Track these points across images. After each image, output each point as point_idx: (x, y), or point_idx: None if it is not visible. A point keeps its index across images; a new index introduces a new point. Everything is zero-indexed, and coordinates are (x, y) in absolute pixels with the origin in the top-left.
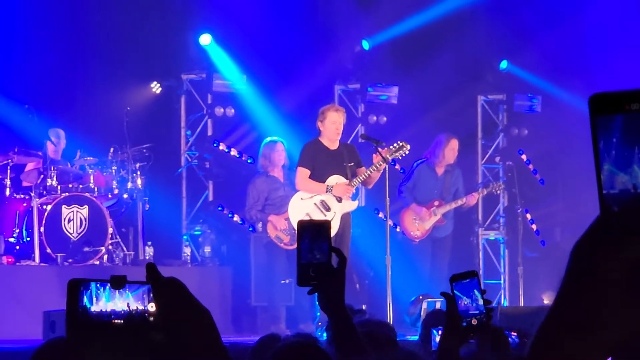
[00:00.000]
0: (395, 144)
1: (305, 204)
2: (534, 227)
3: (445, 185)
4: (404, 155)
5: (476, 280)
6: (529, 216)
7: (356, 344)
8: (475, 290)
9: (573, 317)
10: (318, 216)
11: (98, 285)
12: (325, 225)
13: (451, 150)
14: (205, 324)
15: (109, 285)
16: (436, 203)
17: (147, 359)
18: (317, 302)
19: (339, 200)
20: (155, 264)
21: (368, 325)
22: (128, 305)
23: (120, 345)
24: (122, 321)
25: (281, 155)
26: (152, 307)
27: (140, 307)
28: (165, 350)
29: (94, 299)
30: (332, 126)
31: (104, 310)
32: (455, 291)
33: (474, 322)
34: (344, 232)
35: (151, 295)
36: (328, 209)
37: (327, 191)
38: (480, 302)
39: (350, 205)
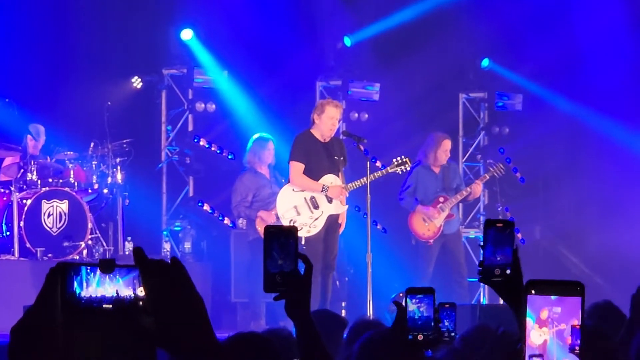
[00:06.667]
0: (398, 158)
1: (295, 196)
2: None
3: (446, 182)
4: (404, 170)
5: (432, 297)
6: (509, 214)
7: (320, 350)
8: (427, 306)
9: None
10: (305, 212)
11: (88, 270)
12: (292, 231)
13: (444, 152)
14: (195, 309)
15: (99, 270)
16: (441, 199)
17: (137, 343)
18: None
19: (330, 200)
20: (142, 248)
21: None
22: (117, 292)
23: (109, 330)
24: (111, 306)
25: (271, 153)
26: (141, 291)
27: (130, 293)
28: (154, 335)
29: (84, 284)
30: (329, 121)
31: (94, 295)
32: (408, 302)
33: (420, 337)
34: (329, 233)
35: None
36: (317, 207)
37: (322, 190)
38: (431, 320)
39: (339, 208)
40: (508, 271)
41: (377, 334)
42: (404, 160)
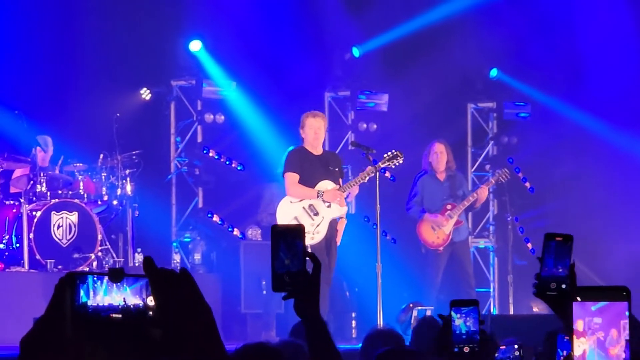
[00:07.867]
0: (389, 153)
1: (294, 207)
2: (523, 235)
3: (452, 190)
4: (397, 164)
5: (476, 309)
6: (518, 224)
7: (331, 349)
8: (473, 319)
9: None
10: (306, 221)
11: (95, 278)
12: (299, 229)
13: (434, 154)
14: (204, 320)
15: (106, 278)
16: (449, 207)
17: (146, 354)
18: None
19: (328, 205)
20: (152, 258)
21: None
22: (124, 300)
23: (119, 341)
24: (120, 315)
25: None
26: (151, 301)
27: (138, 302)
28: (163, 346)
29: (91, 293)
30: (310, 131)
31: (100, 304)
32: (453, 315)
33: (466, 349)
34: (332, 237)
35: (150, 289)
36: (316, 214)
37: (318, 196)
38: (477, 332)
39: (339, 211)
40: (564, 286)
41: (395, 351)
42: (395, 153)
